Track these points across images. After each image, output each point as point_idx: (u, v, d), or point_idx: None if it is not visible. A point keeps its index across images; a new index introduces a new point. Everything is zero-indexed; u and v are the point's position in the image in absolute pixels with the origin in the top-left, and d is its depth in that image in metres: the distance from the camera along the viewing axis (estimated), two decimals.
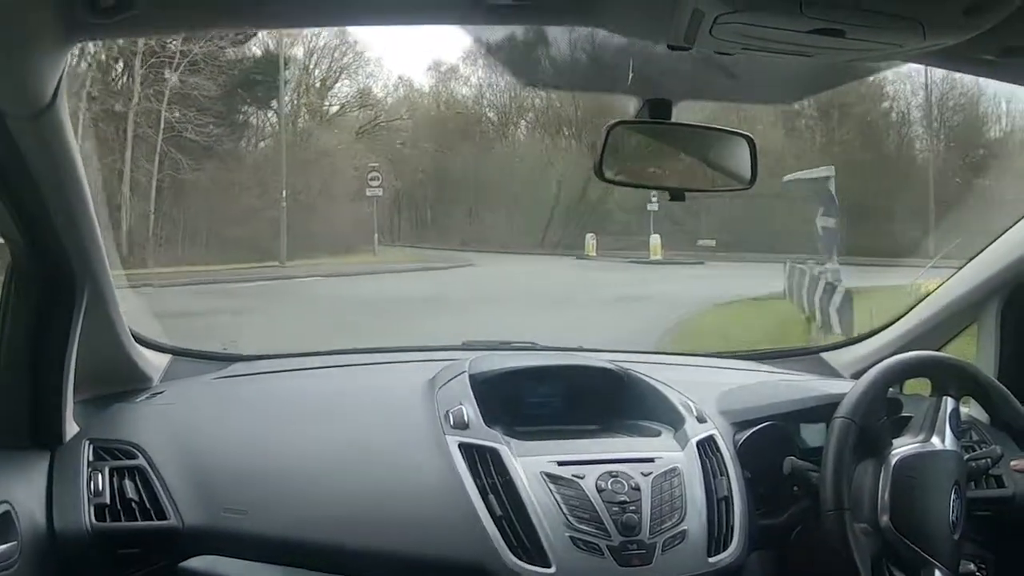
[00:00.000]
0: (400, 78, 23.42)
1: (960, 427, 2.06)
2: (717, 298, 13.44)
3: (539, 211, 21.14)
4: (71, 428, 2.01)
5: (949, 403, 2.04)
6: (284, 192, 17.50)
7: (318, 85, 20.93)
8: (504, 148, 22.47)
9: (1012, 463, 1.99)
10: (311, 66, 20.76)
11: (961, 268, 2.58)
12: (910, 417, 2.09)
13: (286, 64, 19.36)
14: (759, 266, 17.47)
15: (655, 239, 18.54)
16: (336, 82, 21.10)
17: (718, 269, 17.64)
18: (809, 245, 18.43)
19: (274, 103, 19.58)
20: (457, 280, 17.21)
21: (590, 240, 19.23)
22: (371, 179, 18.55)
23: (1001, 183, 18.02)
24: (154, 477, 1.94)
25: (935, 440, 2.00)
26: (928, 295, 2.69)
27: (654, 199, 18.27)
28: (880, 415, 2.01)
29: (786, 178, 14.59)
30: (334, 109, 21.23)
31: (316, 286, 15.38)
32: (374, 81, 21.59)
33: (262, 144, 19.97)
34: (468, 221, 22.54)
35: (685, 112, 1.85)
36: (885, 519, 1.93)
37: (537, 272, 17.26)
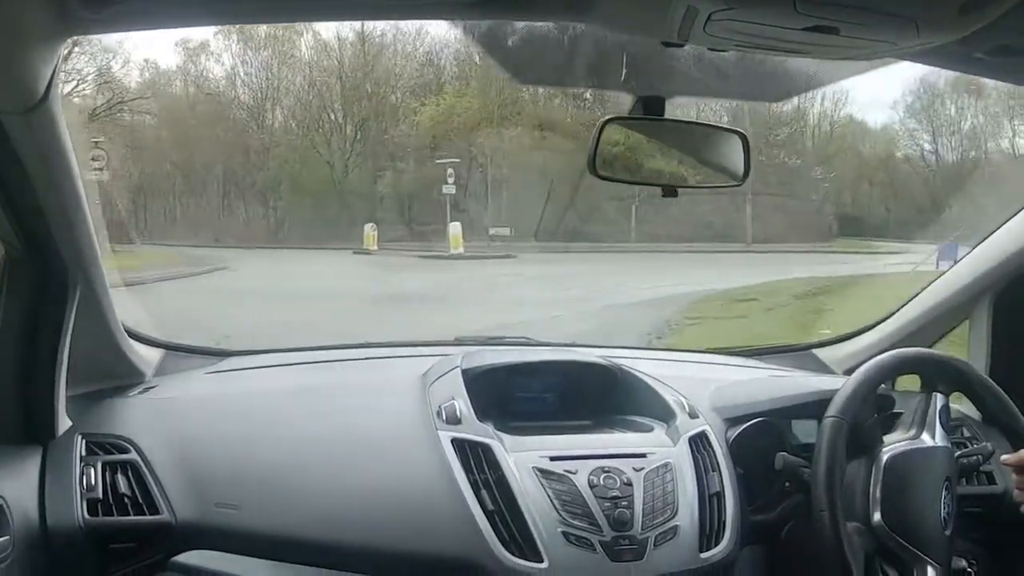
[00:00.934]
0: (146, 60, 20.63)
1: (950, 423, 2.06)
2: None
3: (305, 200, 18.95)
4: (63, 422, 2.00)
5: (939, 399, 2.05)
6: None
7: None
8: (261, 133, 19.98)
9: (1002, 458, 2.00)
10: None
11: (954, 265, 2.59)
12: (900, 414, 2.10)
13: None
14: (586, 257, 15.25)
15: (455, 228, 15.70)
16: (69, 56, 17.96)
17: (543, 264, 14.51)
18: (621, 232, 16.98)
19: None
20: (206, 290, 12.92)
21: (369, 231, 16.65)
22: (93, 159, 14.66)
23: (809, 160, 17.93)
24: (146, 472, 1.94)
25: (925, 437, 2.01)
26: (921, 291, 2.69)
27: (450, 180, 16.30)
28: (871, 413, 2.01)
29: None
30: (68, 87, 18.01)
31: None
32: (114, 56, 18.52)
33: None
34: (222, 214, 20.06)
35: (678, 108, 1.85)
36: (877, 517, 1.94)
37: (315, 274, 13.92)
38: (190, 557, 1.90)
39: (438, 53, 19.13)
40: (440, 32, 18.38)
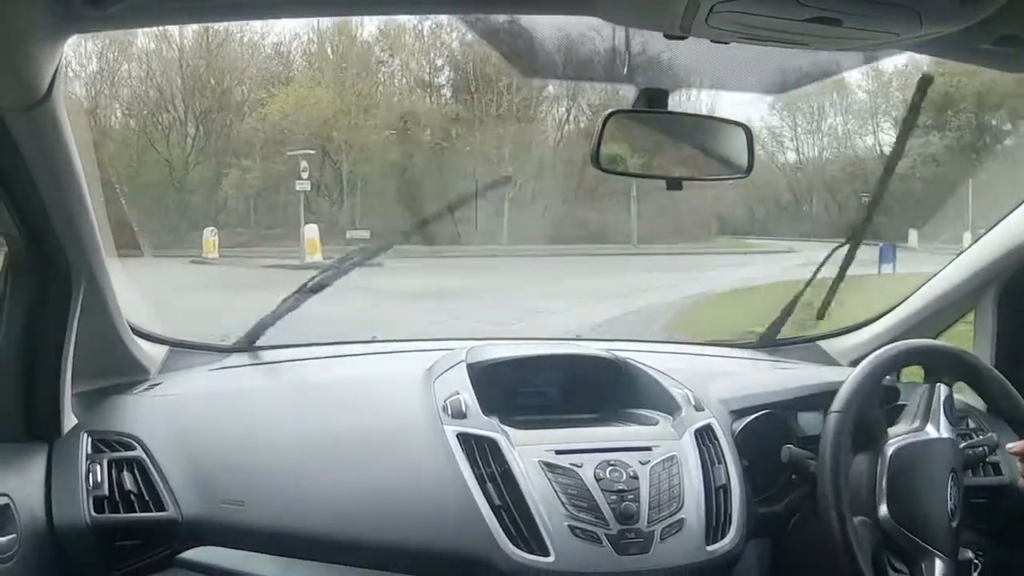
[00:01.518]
0: None
1: (955, 414, 2.06)
2: None
3: (141, 203, 16.08)
4: (69, 420, 2.01)
5: (943, 390, 2.04)
6: None
7: None
8: (93, 128, 16.85)
9: (1008, 446, 2.00)
10: None
11: (959, 255, 2.58)
12: (904, 405, 2.10)
13: None
14: (458, 263, 13.27)
15: (312, 231, 13.61)
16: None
17: (417, 275, 12.14)
18: (491, 234, 15.51)
19: None
20: None
21: (209, 236, 14.79)
22: None
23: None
24: (152, 469, 1.94)
25: (930, 428, 2.00)
26: (926, 282, 2.69)
27: (304, 176, 14.27)
28: (875, 406, 2.01)
29: None
30: None
31: None
32: None
33: None
34: None
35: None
36: (883, 510, 1.93)
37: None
38: (196, 553, 1.90)
39: (288, 44, 18.01)
40: (289, 22, 17.63)
